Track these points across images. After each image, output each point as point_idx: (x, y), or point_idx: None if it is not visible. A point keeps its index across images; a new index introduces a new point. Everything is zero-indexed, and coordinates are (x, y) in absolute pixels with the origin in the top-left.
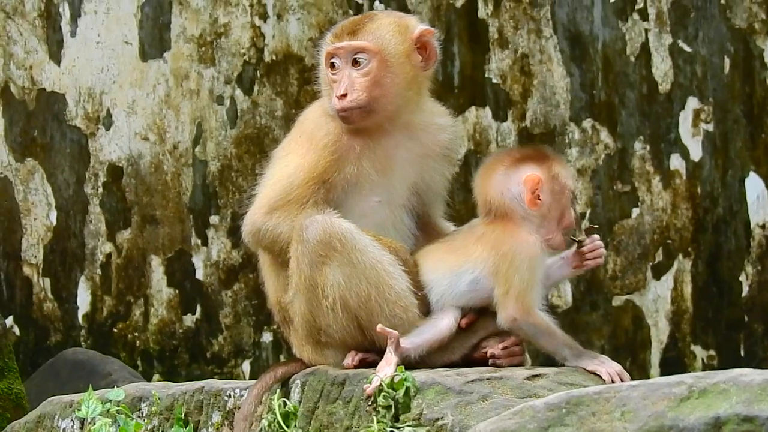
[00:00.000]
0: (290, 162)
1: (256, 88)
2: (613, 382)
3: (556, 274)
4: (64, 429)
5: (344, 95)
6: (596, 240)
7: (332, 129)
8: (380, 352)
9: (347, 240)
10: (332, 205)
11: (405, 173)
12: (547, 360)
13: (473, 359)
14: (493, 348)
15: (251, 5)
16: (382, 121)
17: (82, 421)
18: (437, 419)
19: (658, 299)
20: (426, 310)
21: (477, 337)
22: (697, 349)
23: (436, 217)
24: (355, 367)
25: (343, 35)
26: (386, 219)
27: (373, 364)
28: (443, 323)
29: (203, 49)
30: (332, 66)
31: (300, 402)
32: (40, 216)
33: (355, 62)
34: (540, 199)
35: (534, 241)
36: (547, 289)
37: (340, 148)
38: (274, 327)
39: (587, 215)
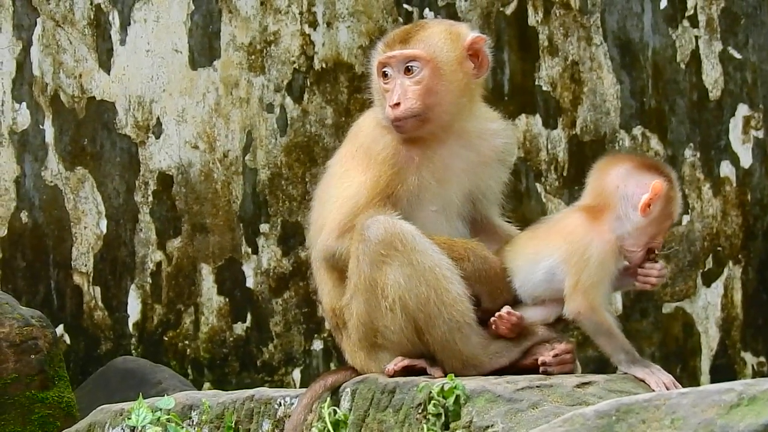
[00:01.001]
0: (352, 180)
1: (306, 96)
2: None
3: (623, 279)
4: None
5: (397, 104)
6: (656, 266)
7: (389, 141)
8: (431, 358)
9: (408, 241)
10: None
11: (461, 181)
12: (597, 367)
13: (523, 366)
14: (544, 355)
15: (301, 13)
16: (436, 129)
17: (133, 430)
18: (487, 427)
19: (708, 306)
20: (483, 317)
21: (528, 343)
22: (748, 356)
23: (493, 218)
24: (395, 373)
25: (394, 44)
26: (442, 228)
27: (422, 372)
28: (547, 308)
29: (253, 57)
30: (384, 75)
31: (350, 410)
32: (90, 225)
33: (408, 71)
34: (649, 208)
35: (609, 239)
36: (615, 291)
37: (400, 161)
38: (325, 335)
39: None
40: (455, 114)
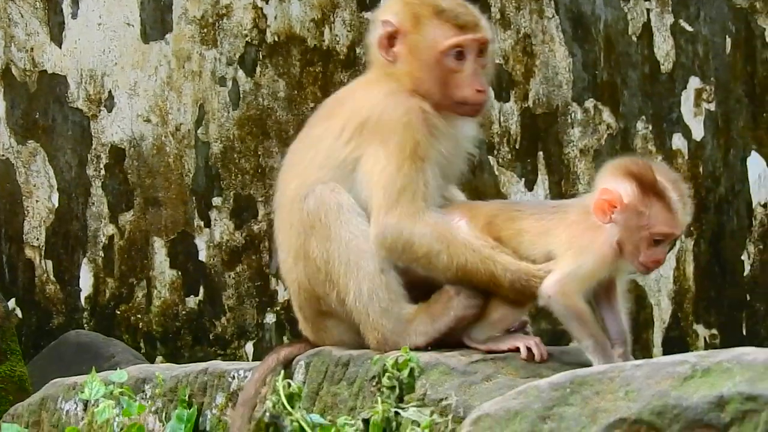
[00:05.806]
0: (378, 156)
1: (258, 69)
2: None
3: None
4: (67, 411)
5: (482, 90)
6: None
7: (413, 105)
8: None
9: (333, 213)
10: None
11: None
12: (551, 340)
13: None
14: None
15: None
16: None
17: (86, 403)
18: (441, 399)
19: (660, 279)
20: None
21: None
22: (700, 329)
23: (452, 187)
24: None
25: (475, 27)
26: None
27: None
28: None
29: (205, 30)
30: (459, 56)
31: (304, 383)
32: (42, 198)
33: (480, 53)
34: (605, 215)
35: (610, 244)
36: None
37: (427, 122)
38: (277, 308)
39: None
40: None
